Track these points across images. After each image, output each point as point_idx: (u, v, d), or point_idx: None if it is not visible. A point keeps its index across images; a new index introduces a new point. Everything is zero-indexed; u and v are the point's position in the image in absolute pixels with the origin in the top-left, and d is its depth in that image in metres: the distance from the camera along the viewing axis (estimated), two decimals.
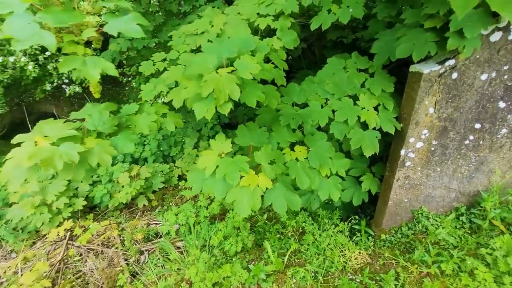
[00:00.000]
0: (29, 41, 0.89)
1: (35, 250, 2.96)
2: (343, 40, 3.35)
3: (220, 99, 1.18)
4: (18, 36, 0.90)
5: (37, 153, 1.25)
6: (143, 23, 1.12)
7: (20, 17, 1.00)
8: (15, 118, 5.73)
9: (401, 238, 2.19)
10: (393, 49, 1.63)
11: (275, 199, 1.44)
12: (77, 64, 1.00)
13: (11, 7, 1.00)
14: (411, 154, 1.85)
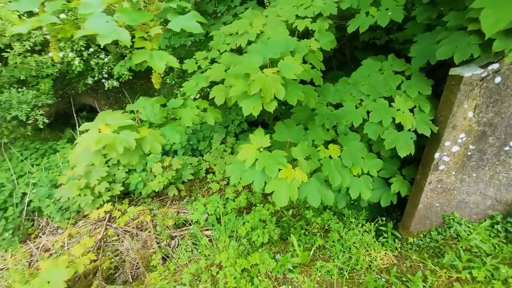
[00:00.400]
0: (110, 37, 1.05)
1: (78, 228, 3.26)
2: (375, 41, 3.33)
3: (266, 98, 1.28)
4: (102, 32, 1.05)
5: (102, 139, 1.43)
6: (201, 20, 1.25)
7: (99, 17, 1.16)
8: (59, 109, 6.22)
9: (429, 242, 2.18)
10: (433, 52, 1.64)
11: (310, 192, 1.52)
12: (146, 56, 1.15)
13: (92, 7, 1.17)
14: (445, 157, 1.84)
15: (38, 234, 3.34)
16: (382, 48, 3.38)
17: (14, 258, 2.80)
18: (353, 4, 2.07)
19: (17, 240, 3.09)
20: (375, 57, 2.19)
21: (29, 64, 4.27)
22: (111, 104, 6.46)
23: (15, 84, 4.27)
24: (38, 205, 3.37)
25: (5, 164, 3.94)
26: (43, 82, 4.70)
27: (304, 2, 2.15)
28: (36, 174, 3.70)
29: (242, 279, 1.94)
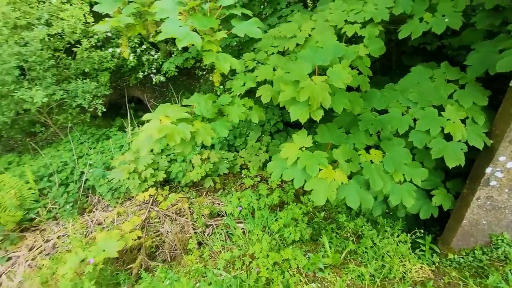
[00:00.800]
0: (186, 41, 1.21)
1: (125, 208, 3.62)
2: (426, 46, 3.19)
3: (313, 106, 1.35)
4: (179, 36, 1.22)
5: (163, 129, 1.61)
6: (261, 26, 1.36)
7: (173, 22, 1.33)
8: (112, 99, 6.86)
9: (472, 261, 2.07)
10: (493, 62, 1.57)
11: (349, 194, 1.56)
12: (214, 58, 1.29)
13: (167, 13, 1.35)
14: (498, 173, 1.74)
15: (91, 209, 3.78)
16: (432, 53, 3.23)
17: (74, 227, 3.22)
18: (407, 9, 2.04)
19: (76, 212, 3.54)
20: (426, 64, 2.13)
21: (93, 59, 4.81)
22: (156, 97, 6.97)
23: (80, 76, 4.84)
24: (92, 183, 3.81)
25: (69, 145, 4.49)
26: (102, 74, 5.25)
27: (354, 7, 2.17)
28: (92, 156, 4.16)
29: (274, 271, 2.04)
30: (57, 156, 4.23)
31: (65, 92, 4.36)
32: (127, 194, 3.83)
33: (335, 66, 1.54)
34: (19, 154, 4.73)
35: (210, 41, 1.30)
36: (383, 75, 3.73)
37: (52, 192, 3.64)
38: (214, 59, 1.28)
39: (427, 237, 2.31)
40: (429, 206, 2.20)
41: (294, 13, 3.72)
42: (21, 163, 4.31)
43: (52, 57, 4.24)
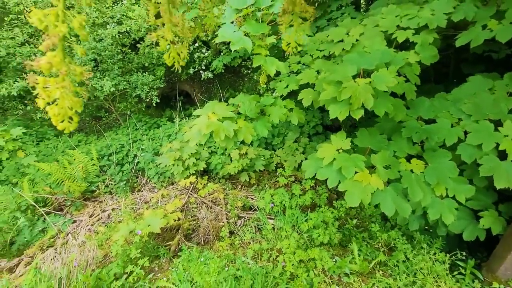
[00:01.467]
0: (238, 44, 1.35)
1: (168, 191, 3.99)
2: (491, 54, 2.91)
3: (354, 105, 1.39)
4: (233, 40, 1.36)
5: (211, 125, 1.79)
6: (308, 33, 1.44)
7: (228, 27, 1.48)
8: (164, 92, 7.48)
9: None
10: None
11: (384, 200, 1.55)
12: (262, 61, 1.42)
13: (225, 19, 1.50)
14: None
15: (140, 188, 4.23)
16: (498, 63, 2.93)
17: (125, 202, 3.66)
18: (469, 16, 1.92)
19: (128, 190, 4.01)
20: (487, 74, 1.98)
21: (152, 54, 5.34)
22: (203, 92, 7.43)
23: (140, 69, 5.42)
24: (143, 166, 4.26)
25: (126, 130, 5.08)
26: (158, 69, 5.79)
27: (409, 12, 2.11)
28: (144, 142, 4.64)
29: (299, 268, 2.10)
30: (116, 139, 4.82)
31: (127, 83, 4.93)
32: (171, 179, 4.21)
33: (381, 70, 1.54)
34: (86, 134, 5.50)
35: (260, 45, 1.42)
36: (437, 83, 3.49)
37: (110, 170, 4.18)
38: (262, 62, 1.40)
39: (469, 260, 2.14)
40: (475, 228, 2.04)
41: (344, 16, 3.69)
42: (87, 142, 5.02)
43: (120, 52, 4.83)
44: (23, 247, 3.10)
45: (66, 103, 0.44)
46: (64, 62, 0.44)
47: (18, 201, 3.42)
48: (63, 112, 0.44)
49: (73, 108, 0.46)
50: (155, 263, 2.57)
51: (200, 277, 1.73)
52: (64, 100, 0.44)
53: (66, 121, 0.45)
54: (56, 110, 0.44)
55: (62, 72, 0.44)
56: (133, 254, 2.36)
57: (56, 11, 0.43)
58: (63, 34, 0.43)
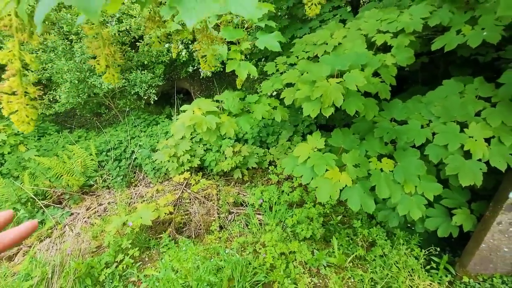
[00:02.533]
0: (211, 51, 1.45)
1: (163, 186, 4.12)
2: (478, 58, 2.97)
3: (325, 103, 1.48)
4: None
5: (193, 118, 1.90)
6: (282, 40, 1.54)
7: None
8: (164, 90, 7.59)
9: None
10: None
11: (351, 196, 1.65)
12: (235, 66, 1.52)
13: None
14: None
15: (136, 184, 4.37)
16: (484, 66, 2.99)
17: (121, 196, 3.80)
18: (444, 21, 2.00)
19: (124, 184, 4.15)
20: (461, 78, 2.06)
21: (152, 52, 5.45)
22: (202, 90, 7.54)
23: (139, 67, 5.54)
24: (140, 162, 4.39)
25: (125, 127, 5.21)
26: (157, 67, 5.91)
27: (389, 17, 2.18)
28: (142, 138, 4.77)
29: (279, 260, 2.21)
30: (115, 135, 4.96)
31: (127, 81, 5.06)
32: (167, 175, 4.34)
33: (353, 71, 1.63)
34: (87, 130, 5.65)
35: (235, 50, 1.52)
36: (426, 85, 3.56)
37: (108, 165, 4.32)
38: (236, 66, 1.50)
39: (444, 256, 2.23)
40: (448, 225, 2.13)
41: (336, 17, 3.76)
42: (87, 138, 5.16)
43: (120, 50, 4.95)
44: None
45: (23, 113, 0.59)
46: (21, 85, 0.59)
47: (19, 193, 3.58)
48: (21, 119, 0.59)
49: (29, 116, 0.60)
50: (145, 254, 2.70)
51: (179, 263, 1.85)
52: (22, 111, 0.58)
53: (25, 125, 0.60)
54: (16, 118, 0.59)
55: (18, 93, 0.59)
56: (124, 245, 2.49)
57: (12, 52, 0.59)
58: (18, 67, 0.59)
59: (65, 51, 4.35)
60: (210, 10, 0.48)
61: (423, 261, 2.25)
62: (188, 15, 0.48)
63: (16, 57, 0.60)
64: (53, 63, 4.24)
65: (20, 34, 0.67)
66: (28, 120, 0.60)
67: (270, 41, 1.52)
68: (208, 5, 0.48)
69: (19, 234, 0.37)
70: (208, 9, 0.48)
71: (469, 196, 2.13)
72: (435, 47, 1.99)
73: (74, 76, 4.28)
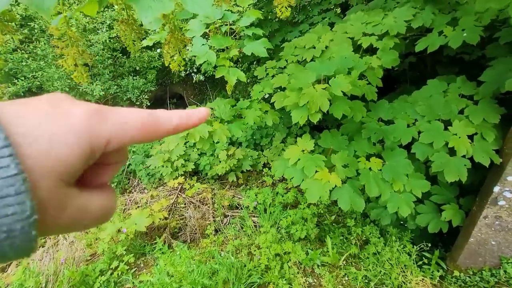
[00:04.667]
0: (203, 58, 1.48)
1: (158, 192, 4.11)
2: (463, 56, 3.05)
3: (312, 109, 1.52)
4: (198, 54, 1.49)
5: None
6: (268, 46, 1.57)
7: (198, 40, 1.61)
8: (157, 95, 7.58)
9: (479, 281, 2.01)
10: (506, 79, 1.56)
11: (341, 196, 1.69)
12: (225, 72, 1.55)
13: (195, 32, 1.63)
14: (507, 193, 1.70)
15: (131, 190, 4.35)
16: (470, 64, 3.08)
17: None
18: (426, 22, 2.06)
19: (119, 191, 4.12)
20: (445, 77, 2.12)
21: (143, 58, 5.45)
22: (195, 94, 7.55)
23: (132, 73, 5.53)
24: (134, 168, 4.37)
25: None
26: (150, 72, 5.91)
27: (374, 20, 2.24)
28: (136, 144, 4.76)
29: (273, 261, 2.23)
30: None
31: (119, 87, 5.05)
32: (161, 180, 4.33)
33: (338, 76, 1.68)
34: None
35: (224, 57, 1.55)
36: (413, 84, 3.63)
37: None
38: (225, 73, 1.53)
39: (435, 251, 2.28)
40: (438, 221, 2.18)
41: (325, 20, 3.82)
42: None
43: (111, 57, 4.95)
44: None
45: None
46: None
47: None
48: None
49: None
50: (140, 260, 2.69)
51: (173, 267, 1.86)
52: None
53: None
54: None
55: None
56: (119, 251, 2.49)
57: None
58: None
59: (55, 59, 4.33)
60: (165, 8, 0.50)
61: (416, 257, 2.30)
62: (144, 13, 0.50)
63: None
64: (43, 71, 4.22)
65: None
66: None
67: (257, 48, 1.56)
68: (164, 4, 0.51)
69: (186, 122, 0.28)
70: (163, 7, 0.50)
71: (458, 191, 2.19)
72: (418, 49, 2.06)
73: (65, 83, 4.26)
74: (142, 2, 0.47)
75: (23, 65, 4.22)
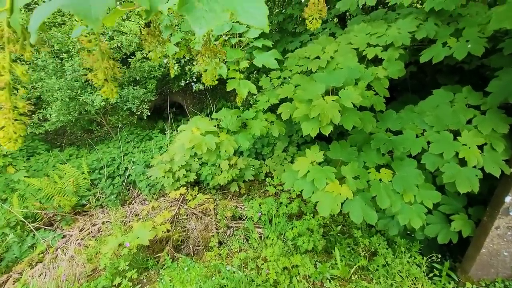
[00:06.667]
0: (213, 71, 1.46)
1: (159, 203, 4.04)
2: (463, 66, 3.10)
3: (323, 121, 1.51)
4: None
5: (193, 139, 1.89)
6: (279, 57, 1.57)
7: None
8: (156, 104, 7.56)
9: None
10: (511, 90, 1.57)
11: (353, 208, 1.66)
12: (236, 85, 1.54)
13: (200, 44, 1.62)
14: None
15: (131, 201, 4.27)
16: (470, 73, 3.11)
17: (115, 215, 3.70)
18: (430, 34, 2.09)
19: (119, 203, 4.05)
20: (450, 87, 2.13)
21: (144, 68, 5.46)
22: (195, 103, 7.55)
23: (131, 83, 5.53)
24: (134, 179, 4.31)
25: (117, 143, 5.13)
26: (150, 82, 5.90)
27: (378, 31, 2.27)
28: (136, 154, 4.71)
29: (282, 275, 2.17)
30: (107, 152, 4.87)
31: (119, 97, 5.02)
32: (162, 191, 4.26)
33: (348, 87, 1.67)
34: (78, 148, 5.53)
35: (234, 70, 1.55)
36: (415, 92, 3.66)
37: (101, 183, 4.21)
38: (236, 85, 1.52)
39: (445, 262, 2.25)
40: (448, 231, 2.15)
41: (326, 31, 3.87)
42: (79, 156, 5.05)
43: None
44: (12, 263, 3.11)
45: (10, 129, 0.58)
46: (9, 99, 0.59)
47: (7, 217, 3.44)
48: (8, 136, 0.59)
49: (17, 133, 0.60)
50: (143, 275, 2.61)
51: (182, 285, 1.80)
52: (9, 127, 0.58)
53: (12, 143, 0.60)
54: (2, 134, 0.59)
55: (7, 107, 0.59)
56: (121, 267, 2.41)
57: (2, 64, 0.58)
58: (8, 80, 0.59)
59: (55, 69, 4.31)
60: (219, 19, 0.49)
61: (425, 269, 2.26)
62: (198, 24, 0.48)
63: (6, 70, 0.59)
64: (43, 82, 4.19)
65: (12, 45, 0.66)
66: (15, 137, 0.59)
67: (267, 59, 1.56)
68: (218, 15, 0.49)
69: None
70: (217, 19, 0.49)
71: (466, 201, 2.17)
72: (423, 60, 2.07)
73: (65, 94, 4.22)
74: (195, 12, 0.46)
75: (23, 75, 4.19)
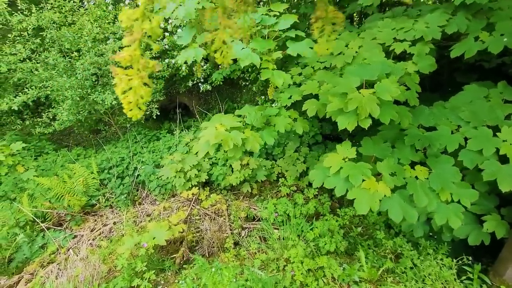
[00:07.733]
0: (247, 61, 1.41)
1: (170, 203, 3.96)
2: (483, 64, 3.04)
3: (361, 115, 1.44)
4: (241, 57, 1.42)
5: (219, 135, 1.82)
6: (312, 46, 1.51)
7: (237, 44, 1.55)
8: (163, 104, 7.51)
9: None
10: None
11: (392, 206, 1.59)
12: (269, 74, 1.47)
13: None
14: None
15: (140, 201, 4.19)
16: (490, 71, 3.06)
17: (127, 215, 3.63)
18: (461, 28, 2.03)
19: (129, 203, 3.97)
20: (481, 82, 2.07)
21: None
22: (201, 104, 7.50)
23: None
24: (143, 179, 4.24)
25: (126, 143, 5.08)
26: (158, 82, 5.86)
27: (404, 26, 2.21)
28: (144, 154, 4.65)
29: (308, 277, 2.09)
30: (116, 152, 4.81)
31: None
32: (172, 191, 4.19)
33: (383, 80, 1.61)
34: (84, 148, 5.47)
35: (267, 60, 1.49)
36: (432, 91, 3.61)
37: (110, 183, 4.15)
38: (270, 75, 1.46)
39: (476, 265, 2.17)
40: (479, 232, 2.08)
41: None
42: (87, 156, 4.99)
43: None
44: (22, 264, 3.03)
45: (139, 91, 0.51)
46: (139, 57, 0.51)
47: (17, 216, 3.36)
48: (135, 100, 0.51)
49: (143, 97, 0.52)
50: (160, 277, 2.53)
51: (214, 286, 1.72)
52: (139, 89, 0.51)
53: (136, 109, 0.52)
54: (130, 97, 0.51)
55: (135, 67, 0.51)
56: (138, 268, 2.33)
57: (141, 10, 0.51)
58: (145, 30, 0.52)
59: (66, 68, 4.27)
60: None
61: (455, 271, 2.18)
62: None
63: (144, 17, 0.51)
64: (53, 80, 4.14)
65: None
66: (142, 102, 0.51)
67: (302, 48, 1.50)
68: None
69: None
70: None
71: (497, 201, 2.10)
72: (454, 54, 2.02)
73: (76, 92, 4.17)
74: None
75: (33, 74, 4.15)
